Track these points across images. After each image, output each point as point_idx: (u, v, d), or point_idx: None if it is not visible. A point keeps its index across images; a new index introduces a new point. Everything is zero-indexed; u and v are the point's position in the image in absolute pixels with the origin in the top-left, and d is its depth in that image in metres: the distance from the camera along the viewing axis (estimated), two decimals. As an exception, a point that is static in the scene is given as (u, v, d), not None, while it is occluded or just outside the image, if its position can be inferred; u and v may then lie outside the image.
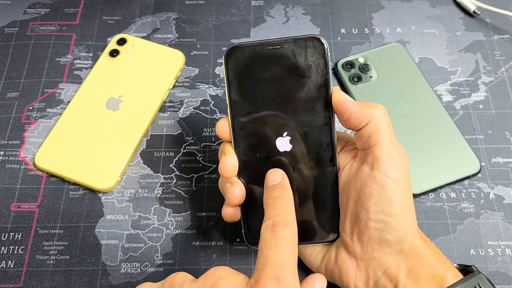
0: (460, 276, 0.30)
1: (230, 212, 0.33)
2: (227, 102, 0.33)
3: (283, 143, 0.33)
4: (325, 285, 0.30)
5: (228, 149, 0.33)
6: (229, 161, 0.33)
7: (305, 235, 0.34)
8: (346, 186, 0.32)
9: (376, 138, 0.30)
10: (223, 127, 0.33)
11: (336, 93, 0.32)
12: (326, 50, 0.32)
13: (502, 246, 0.38)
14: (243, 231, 0.34)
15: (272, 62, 0.32)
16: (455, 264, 0.32)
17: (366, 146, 0.31)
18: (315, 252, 0.35)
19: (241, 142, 0.33)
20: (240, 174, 0.34)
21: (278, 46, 0.32)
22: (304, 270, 0.36)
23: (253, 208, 0.34)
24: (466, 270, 0.31)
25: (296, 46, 0.32)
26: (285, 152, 0.33)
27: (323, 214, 0.33)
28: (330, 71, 0.32)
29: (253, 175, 0.33)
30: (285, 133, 0.33)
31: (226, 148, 0.34)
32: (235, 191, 0.33)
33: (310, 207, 0.33)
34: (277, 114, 0.33)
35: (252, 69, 0.33)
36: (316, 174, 0.33)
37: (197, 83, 0.46)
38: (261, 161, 0.33)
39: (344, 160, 0.33)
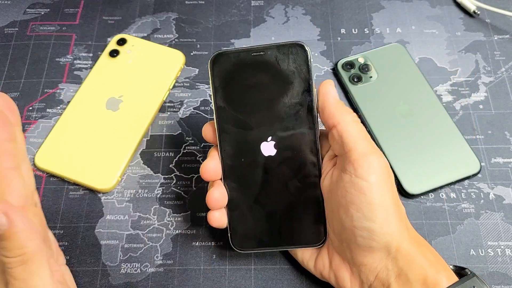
0: (454, 279, 0.30)
1: (215, 217, 0.33)
2: (213, 107, 0.33)
3: (268, 148, 0.33)
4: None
5: (212, 154, 0.34)
6: (208, 165, 0.33)
7: (291, 239, 0.34)
8: (330, 194, 0.32)
9: (350, 144, 0.30)
10: (208, 132, 0.34)
11: (326, 83, 0.32)
12: (309, 57, 0.32)
13: (502, 247, 0.38)
14: (229, 234, 0.34)
15: (256, 68, 0.33)
16: (451, 266, 0.31)
17: (342, 152, 0.31)
18: (305, 259, 0.35)
19: (226, 146, 0.34)
20: (225, 178, 0.34)
21: (261, 53, 0.33)
22: (304, 272, 0.36)
23: (239, 212, 0.34)
24: (460, 274, 0.31)
25: (279, 53, 0.32)
26: (269, 156, 0.33)
27: (308, 218, 0.33)
28: (313, 77, 0.33)
29: (238, 179, 0.34)
30: (270, 138, 0.33)
31: (210, 152, 0.34)
32: (214, 194, 0.33)
33: (295, 211, 0.34)
34: (261, 119, 0.33)
35: (237, 75, 0.33)
36: (300, 178, 0.33)
37: (197, 83, 0.46)
38: (246, 166, 0.34)
39: (325, 168, 0.33)
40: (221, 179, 0.34)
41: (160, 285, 0.37)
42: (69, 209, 0.40)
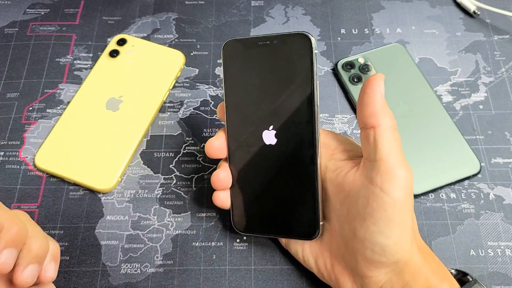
0: (457, 286, 0.30)
1: (220, 197, 0.35)
2: (223, 91, 0.34)
3: (269, 137, 0.34)
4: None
5: (219, 133, 0.35)
6: (213, 142, 0.34)
7: (285, 229, 0.34)
8: (348, 199, 0.31)
9: (383, 152, 0.28)
10: (220, 112, 0.35)
11: (378, 76, 0.30)
12: (312, 47, 0.31)
13: (502, 247, 0.38)
14: (231, 215, 0.36)
15: (261, 57, 0.33)
16: (452, 270, 0.31)
17: (372, 157, 0.29)
18: (306, 257, 0.35)
19: (232, 131, 0.35)
20: (230, 161, 0.35)
21: (267, 42, 0.33)
22: (304, 273, 0.36)
23: (240, 195, 0.35)
24: (462, 280, 0.31)
25: (283, 42, 0.32)
26: (270, 145, 0.34)
27: (302, 211, 0.33)
28: (316, 68, 0.31)
29: (241, 164, 0.35)
30: (271, 127, 0.33)
31: (219, 131, 0.35)
32: (220, 174, 0.34)
33: (290, 202, 0.34)
34: (264, 108, 0.33)
35: (244, 63, 0.34)
36: (296, 170, 0.33)
37: (197, 84, 0.46)
38: (248, 152, 0.34)
39: (344, 168, 0.32)
40: (227, 161, 0.35)
41: (160, 286, 0.37)
42: (69, 210, 0.40)
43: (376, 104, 0.29)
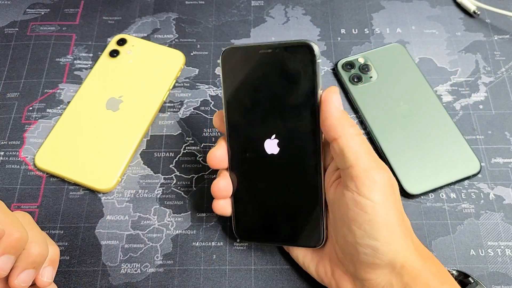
0: None
1: (220, 205, 0.35)
2: (223, 99, 0.34)
3: (271, 146, 0.33)
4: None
5: (220, 142, 0.35)
6: (215, 153, 0.34)
7: (289, 237, 0.34)
8: (334, 207, 0.32)
9: (351, 159, 0.29)
10: (217, 120, 0.35)
11: (330, 91, 0.31)
12: (315, 57, 0.31)
13: (502, 247, 0.38)
14: (233, 223, 0.36)
15: (263, 65, 0.32)
16: (453, 271, 0.31)
17: (343, 166, 0.30)
18: (306, 263, 0.35)
19: (233, 139, 0.34)
20: (231, 170, 0.35)
21: (269, 50, 0.32)
22: (304, 272, 0.36)
23: (242, 204, 0.35)
24: (463, 282, 0.31)
25: (286, 51, 0.31)
26: (272, 154, 0.33)
27: (306, 219, 0.33)
28: (319, 78, 0.31)
29: (242, 173, 0.35)
30: (273, 136, 0.33)
31: (219, 140, 0.35)
32: (220, 184, 0.34)
33: (294, 211, 0.34)
34: (266, 117, 0.33)
35: (244, 71, 0.33)
36: (300, 179, 0.33)
37: (197, 84, 0.46)
38: (250, 161, 0.34)
39: (330, 178, 0.32)
40: (227, 170, 0.35)
41: (160, 285, 0.37)
42: (69, 209, 0.40)
43: (333, 117, 0.30)
